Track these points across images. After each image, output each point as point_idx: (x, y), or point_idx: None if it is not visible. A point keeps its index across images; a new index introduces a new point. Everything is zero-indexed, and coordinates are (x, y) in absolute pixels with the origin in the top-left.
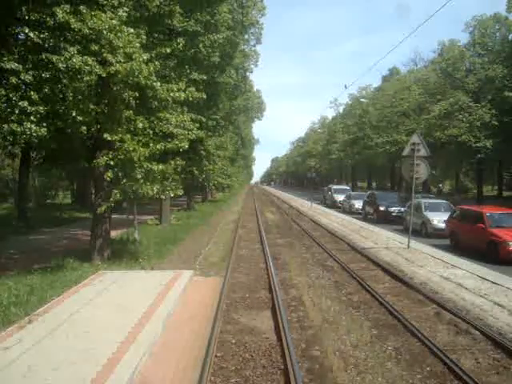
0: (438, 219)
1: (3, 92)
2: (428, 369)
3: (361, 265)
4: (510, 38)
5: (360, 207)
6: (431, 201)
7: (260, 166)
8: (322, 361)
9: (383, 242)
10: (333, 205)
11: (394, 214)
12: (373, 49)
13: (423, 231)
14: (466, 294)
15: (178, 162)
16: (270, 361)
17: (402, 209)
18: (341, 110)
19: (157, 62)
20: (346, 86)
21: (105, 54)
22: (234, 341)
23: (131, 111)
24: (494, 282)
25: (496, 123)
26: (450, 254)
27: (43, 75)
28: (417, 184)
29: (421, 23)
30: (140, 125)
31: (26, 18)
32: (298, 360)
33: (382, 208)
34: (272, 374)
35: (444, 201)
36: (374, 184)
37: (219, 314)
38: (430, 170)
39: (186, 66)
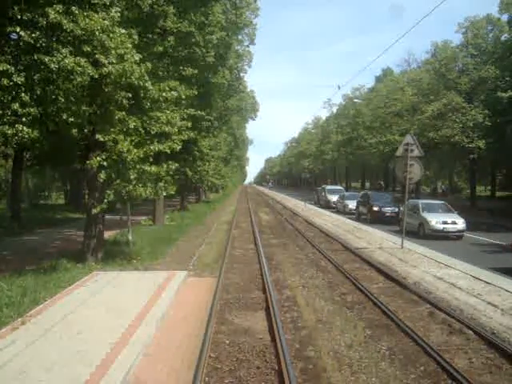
0: (436, 220)
1: None
2: (422, 368)
3: (355, 265)
4: (502, 38)
5: (354, 207)
6: (428, 201)
7: (254, 166)
8: (315, 361)
9: (377, 242)
10: (326, 205)
11: (387, 215)
12: (366, 49)
13: (421, 232)
14: (459, 294)
15: (172, 166)
16: (264, 361)
17: (396, 209)
18: (334, 110)
19: (149, 63)
20: (339, 87)
21: (97, 55)
22: (227, 341)
23: (124, 112)
24: (487, 282)
25: (489, 124)
26: (443, 254)
27: (35, 76)
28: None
29: (414, 24)
30: (132, 124)
31: (18, 17)
32: (291, 360)
33: (375, 208)
34: (266, 374)
35: (441, 201)
36: (367, 184)
37: (213, 314)
38: (424, 170)
39: (180, 67)
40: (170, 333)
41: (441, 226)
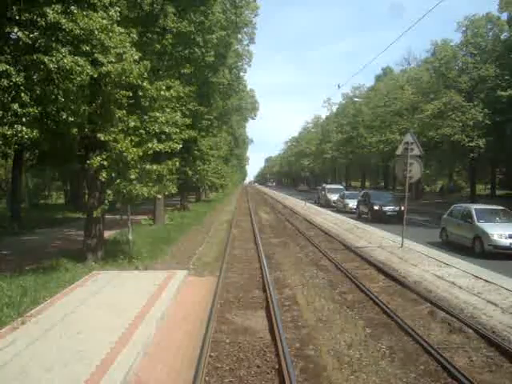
0: (500, 233)
1: None
2: (422, 367)
3: (354, 264)
4: (502, 37)
5: (354, 206)
6: (484, 207)
7: (254, 165)
8: (316, 360)
9: (377, 241)
10: (327, 204)
11: (388, 214)
12: (366, 48)
13: (477, 249)
14: (459, 293)
15: (176, 163)
16: (265, 360)
17: (397, 208)
18: (334, 109)
19: (146, 62)
20: (339, 86)
21: (96, 55)
22: (228, 341)
23: (124, 111)
24: (487, 281)
25: (489, 122)
26: (443, 252)
27: (35, 77)
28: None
29: (413, 23)
30: (132, 124)
31: (17, 17)
32: (292, 359)
33: (376, 207)
34: (266, 373)
35: (500, 207)
36: (367, 183)
37: (213, 313)
38: (424, 169)
39: (180, 66)
40: (170, 332)
41: (507, 242)
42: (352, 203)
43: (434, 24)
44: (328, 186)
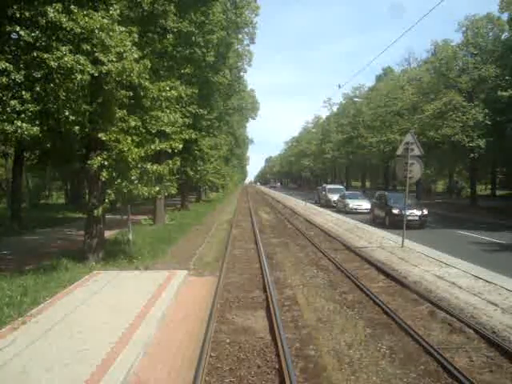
0: None
1: None
2: (422, 367)
3: (355, 264)
4: (502, 37)
5: (354, 207)
6: None
7: (254, 165)
8: (316, 360)
9: (377, 241)
10: (327, 204)
11: (409, 219)
12: (367, 48)
13: None
14: (459, 293)
15: (177, 163)
16: (265, 360)
17: (418, 212)
18: (335, 109)
19: (146, 60)
20: (339, 86)
21: (97, 53)
22: (228, 340)
23: (125, 110)
24: (487, 281)
25: (489, 123)
26: (443, 253)
27: (35, 74)
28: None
29: (413, 23)
30: (132, 123)
31: (18, 16)
32: (292, 359)
33: (395, 211)
34: (267, 373)
35: None
36: (367, 183)
37: (213, 313)
38: (424, 169)
39: (180, 66)
40: (170, 332)
41: None
42: (352, 203)
43: (434, 24)
44: (328, 186)
